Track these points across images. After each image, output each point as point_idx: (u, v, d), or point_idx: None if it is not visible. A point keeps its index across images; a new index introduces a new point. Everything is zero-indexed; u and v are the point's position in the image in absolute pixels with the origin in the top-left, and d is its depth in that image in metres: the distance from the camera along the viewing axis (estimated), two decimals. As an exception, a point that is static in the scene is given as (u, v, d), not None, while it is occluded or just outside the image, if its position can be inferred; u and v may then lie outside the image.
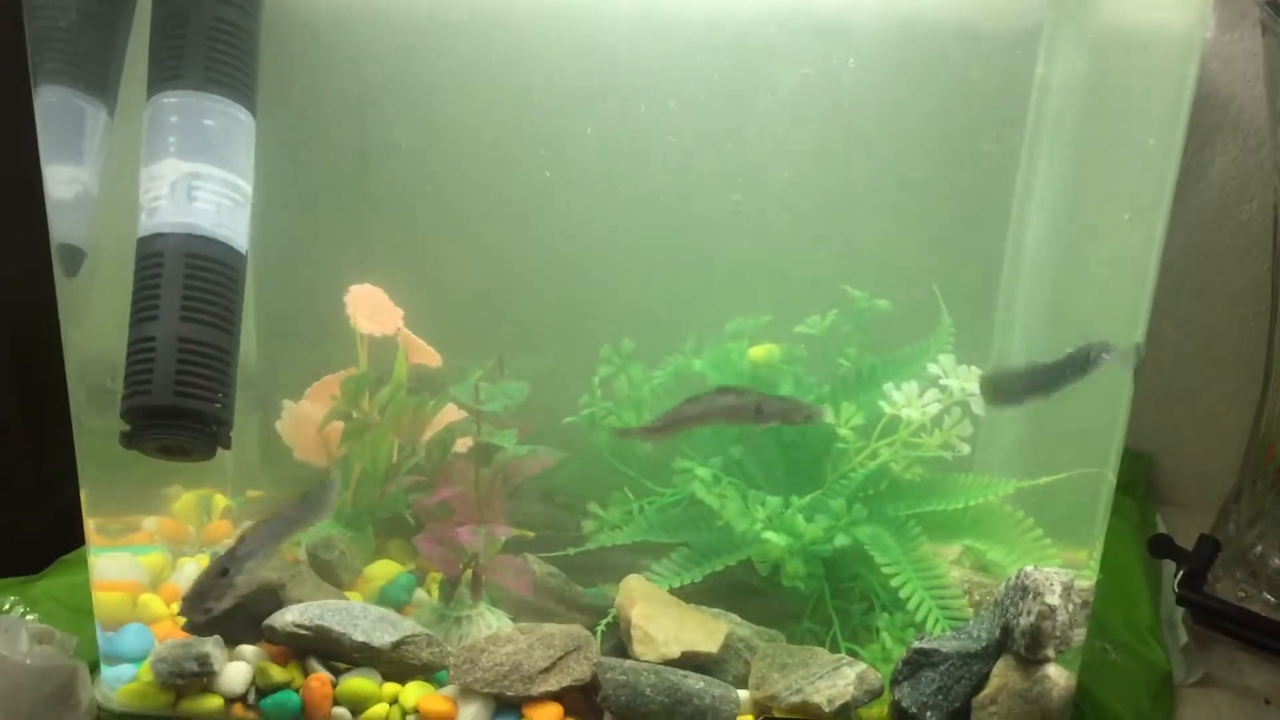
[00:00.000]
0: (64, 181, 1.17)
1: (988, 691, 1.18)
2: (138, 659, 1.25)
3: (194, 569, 1.40)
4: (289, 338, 1.48)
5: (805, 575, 1.29)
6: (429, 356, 1.42)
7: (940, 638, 1.22)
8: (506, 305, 1.47)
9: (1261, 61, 1.67)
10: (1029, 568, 1.18)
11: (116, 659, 1.26)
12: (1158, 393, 1.95)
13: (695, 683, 1.19)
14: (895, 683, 1.21)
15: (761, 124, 1.34)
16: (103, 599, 1.30)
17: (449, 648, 1.26)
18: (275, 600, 1.28)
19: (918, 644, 1.21)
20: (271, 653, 1.25)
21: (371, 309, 1.39)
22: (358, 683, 1.21)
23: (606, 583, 1.37)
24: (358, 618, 1.23)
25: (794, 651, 1.26)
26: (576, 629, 1.25)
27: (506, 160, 1.39)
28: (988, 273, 1.40)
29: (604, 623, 1.29)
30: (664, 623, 1.25)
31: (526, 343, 1.42)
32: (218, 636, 1.23)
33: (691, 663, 1.23)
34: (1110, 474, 1.23)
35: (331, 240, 1.47)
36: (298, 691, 1.22)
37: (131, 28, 1.18)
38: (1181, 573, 1.53)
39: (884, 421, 1.33)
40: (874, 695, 1.21)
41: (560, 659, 1.21)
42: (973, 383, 1.31)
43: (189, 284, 1.08)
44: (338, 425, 1.41)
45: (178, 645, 1.21)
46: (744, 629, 1.30)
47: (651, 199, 1.39)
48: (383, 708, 1.21)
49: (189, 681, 1.21)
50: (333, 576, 1.39)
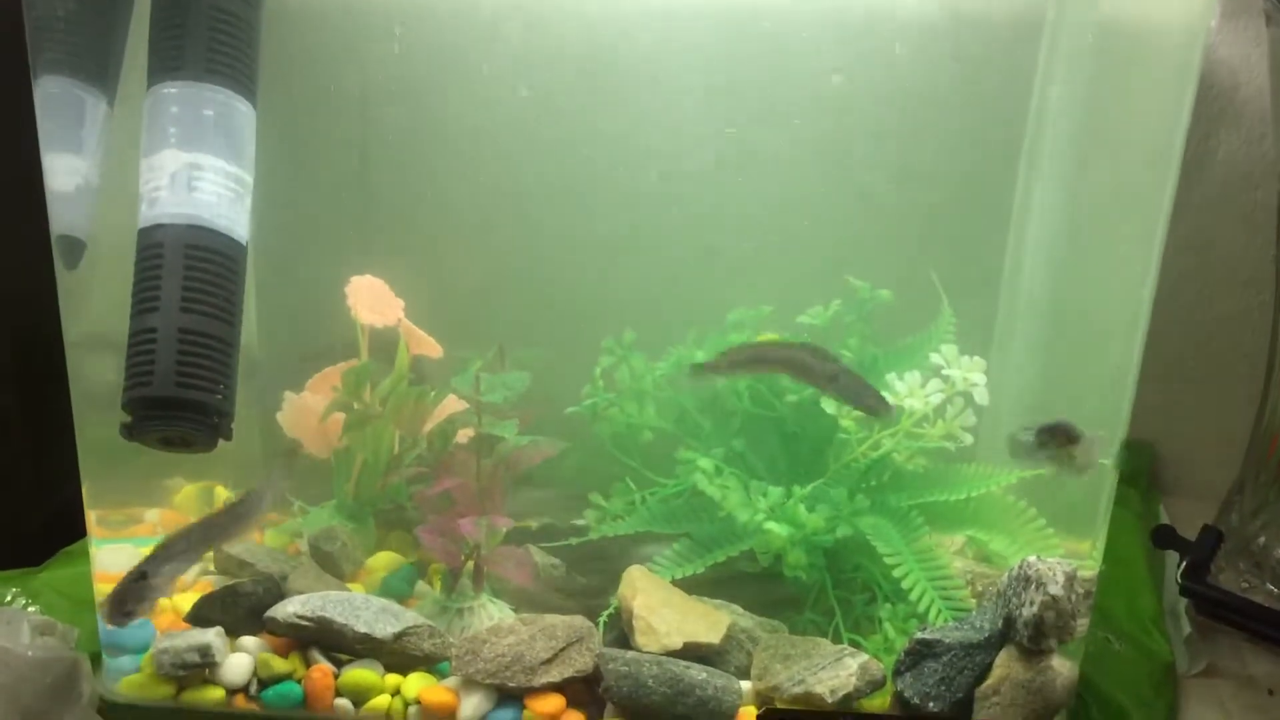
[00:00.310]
0: (64, 172, 1.17)
1: (990, 682, 1.17)
2: (139, 650, 1.25)
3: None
4: (291, 329, 1.48)
5: (807, 566, 1.29)
6: (430, 347, 1.42)
7: (943, 628, 1.22)
8: (508, 296, 1.47)
9: (1265, 50, 1.66)
10: (1032, 558, 1.18)
11: (118, 650, 1.26)
12: (1161, 383, 1.94)
13: (697, 674, 1.19)
14: (898, 673, 1.21)
15: (760, 116, 1.34)
16: (104, 591, 1.29)
17: (451, 639, 1.26)
18: (277, 591, 1.28)
19: (920, 635, 1.21)
20: (273, 644, 1.24)
21: (372, 300, 1.38)
22: (360, 674, 1.21)
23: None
24: (360, 609, 1.23)
25: (796, 642, 1.26)
26: (578, 620, 1.25)
27: (507, 152, 1.39)
28: (989, 264, 1.40)
29: (605, 614, 1.29)
30: (666, 614, 1.25)
31: (527, 334, 1.42)
32: (220, 628, 1.23)
33: (694, 654, 1.22)
34: (1112, 465, 1.23)
35: (333, 231, 1.47)
36: (300, 682, 1.22)
37: (131, 18, 1.18)
38: (1185, 563, 1.54)
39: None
40: (876, 686, 1.21)
41: (562, 650, 1.21)
42: (976, 373, 1.31)
43: (189, 275, 1.08)
44: (339, 416, 1.41)
45: (179, 636, 1.21)
46: (746, 620, 1.30)
47: (652, 190, 1.39)
48: (385, 699, 1.21)
49: (191, 673, 1.21)
50: (334, 568, 1.39)
